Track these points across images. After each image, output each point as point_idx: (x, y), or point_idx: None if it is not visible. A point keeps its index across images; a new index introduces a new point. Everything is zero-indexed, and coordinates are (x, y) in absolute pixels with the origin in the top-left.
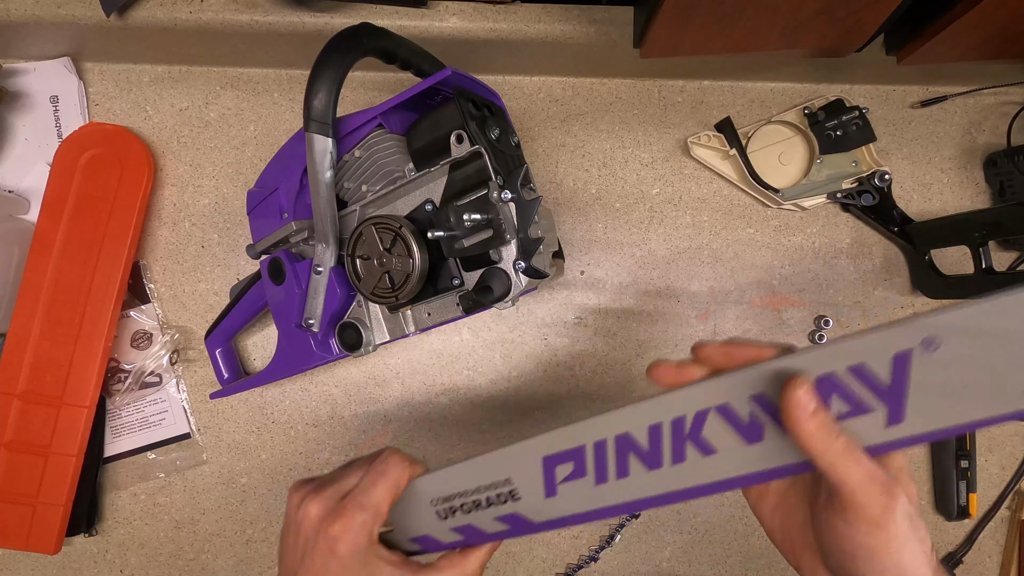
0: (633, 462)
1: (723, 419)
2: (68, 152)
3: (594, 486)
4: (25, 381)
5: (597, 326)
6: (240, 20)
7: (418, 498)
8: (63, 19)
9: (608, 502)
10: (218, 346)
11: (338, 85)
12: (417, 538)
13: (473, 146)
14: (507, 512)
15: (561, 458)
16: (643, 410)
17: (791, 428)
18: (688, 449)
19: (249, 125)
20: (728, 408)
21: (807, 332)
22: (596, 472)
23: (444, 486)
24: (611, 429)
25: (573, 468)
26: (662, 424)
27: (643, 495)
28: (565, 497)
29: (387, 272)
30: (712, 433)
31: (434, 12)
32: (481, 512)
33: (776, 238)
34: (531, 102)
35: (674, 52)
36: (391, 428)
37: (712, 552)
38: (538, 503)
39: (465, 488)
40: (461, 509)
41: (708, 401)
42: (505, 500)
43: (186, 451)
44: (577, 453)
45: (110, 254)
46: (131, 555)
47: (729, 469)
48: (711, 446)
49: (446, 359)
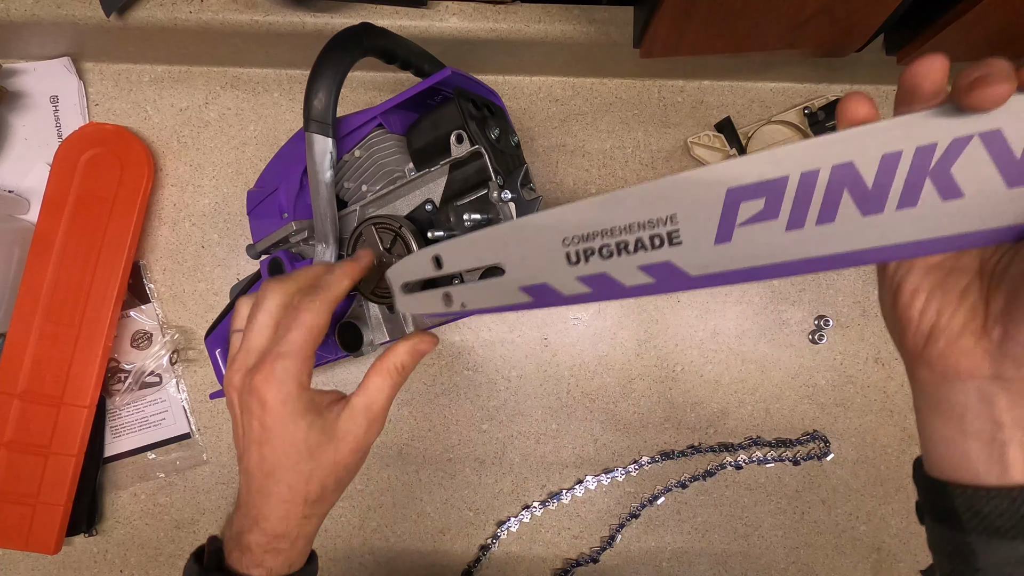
0: (845, 203)
1: (987, 151)
2: (68, 152)
3: (784, 232)
4: (25, 381)
5: (597, 326)
6: (240, 20)
7: (548, 233)
8: (63, 19)
9: (793, 255)
10: (218, 346)
11: (338, 85)
12: (532, 286)
13: (473, 146)
14: (659, 260)
15: (752, 191)
16: (883, 132)
17: None
18: (925, 189)
19: (249, 125)
20: (999, 136)
21: (807, 332)
22: (792, 213)
23: (588, 219)
24: (832, 155)
25: (763, 206)
26: (902, 153)
27: (842, 249)
28: (740, 245)
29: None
30: (966, 169)
31: (434, 12)
32: (625, 258)
33: None
34: (531, 102)
35: (674, 52)
36: (392, 428)
37: (712, 552)
38: (703, 250)
39: (615, 224)
40: (600, 253)
41: (975, 126)
42: (660, 244)
43: (186, 451)
44: (775, 186)
45: (110, 254)
46: (131, 555)
47: (972, 219)
48: (958, 187)
49: (446, 359)
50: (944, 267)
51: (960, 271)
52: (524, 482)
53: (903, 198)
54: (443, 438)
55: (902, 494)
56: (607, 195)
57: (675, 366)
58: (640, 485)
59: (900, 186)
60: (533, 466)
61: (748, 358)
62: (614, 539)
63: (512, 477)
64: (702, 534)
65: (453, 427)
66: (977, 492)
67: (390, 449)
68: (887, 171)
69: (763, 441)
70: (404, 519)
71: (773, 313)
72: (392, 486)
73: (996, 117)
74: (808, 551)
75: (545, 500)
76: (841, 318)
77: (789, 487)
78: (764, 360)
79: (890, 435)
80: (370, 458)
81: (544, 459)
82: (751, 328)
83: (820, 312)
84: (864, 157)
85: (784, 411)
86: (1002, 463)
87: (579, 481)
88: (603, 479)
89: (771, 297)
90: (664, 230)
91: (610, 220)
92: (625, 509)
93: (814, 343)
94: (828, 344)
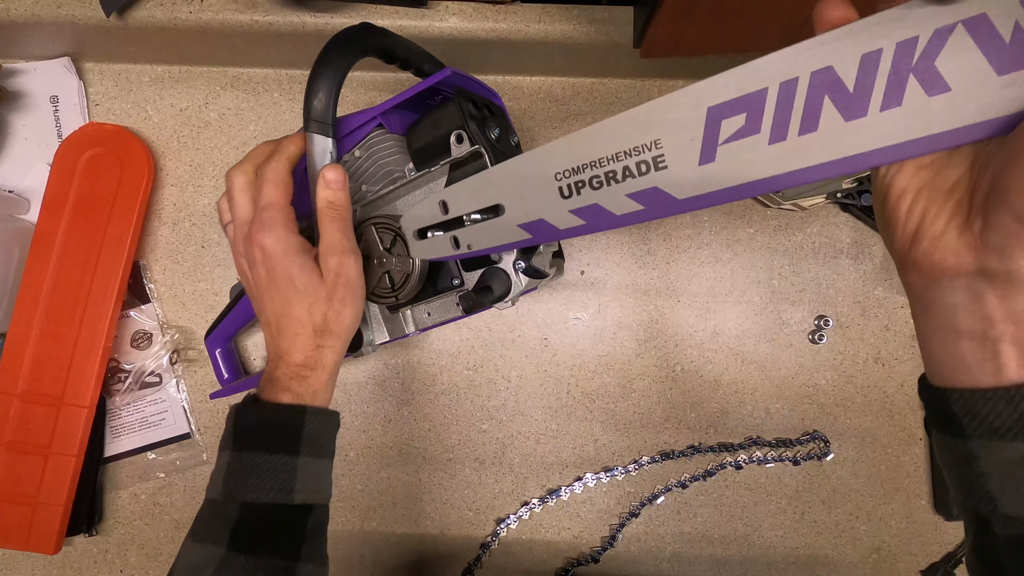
0: (827, 110)
1: (973, 38)
2: (68, 152)
3: (767, 146)
4: (25, 381)
5: (597, 326)
6: (240, 20)
7: (540, 169)
8: (63, 19)
9: (778, 169)
10: (218, 346)
11: (338, 85)
12: (530, 223)
13: (473, 146)
14: (646, 186)
15: (732, 107)
16: (859, 31)
17: None
18: (910, 87)
19: (249, 125)
20: (984, 21)
21: (807, 332)
22: (774, 126)
23: (578, 152)
24: (810, 61)
25: (745, 121)
26: (881, 51)
27: (827, 158)
28: (725, 163)
29: (387, 272)
30: (951, 60)
31: (434, 12)
32: (614, 187)
33: (776, 238)
34: (531, 102)
35: (674, 52)
36: (391, 428)
37: (712, 552)
38: (688, 172)
39: (602, 154)
40: (590, 184)
41: (957, 13)
42: (647, 170)
43: (186, 451)
44: (754, 100)
45: (110, 254)
46: (131, 555)
47: (961, 113)
48: (944, 81)
49: (446, 359)
50: (934, 166)
51: (950, 168)
52: (524, 482)
53: (887, 98)
54: (443, 438)
55: (902, 494)
56: (593, 126)
57: (675, 366)
58: (640, 485)
59: (883, 86)
60: (533, 466)
61: (748, 358)
62: (615, 539)
63: (512, 477)
64: (702, 534)
65: (453, 427)
66: (974, 395)
67: (390, 449)
68: (868, 71)
69: (763, 441)
70: (404, 519)
71: (773, 313)
72: (392, 486)
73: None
74: (808, 551)
75: (544, 497)
76: (841, 318)
77: (789, 487)
78: (764, 360)
79: (890, 435)
80: (370, 458)
81: (544, 459)
82: (751, 328)
83: (820, 312)
84: (843, 60)
85: (784, 411)
86: (996, 362)
87: (578, 479)
88: (603, 477)
89: (771, 297)
90: (649, 156)
91: (597, 151)
92: (625, 509)
93: (814, 343)
94: (828, 344)
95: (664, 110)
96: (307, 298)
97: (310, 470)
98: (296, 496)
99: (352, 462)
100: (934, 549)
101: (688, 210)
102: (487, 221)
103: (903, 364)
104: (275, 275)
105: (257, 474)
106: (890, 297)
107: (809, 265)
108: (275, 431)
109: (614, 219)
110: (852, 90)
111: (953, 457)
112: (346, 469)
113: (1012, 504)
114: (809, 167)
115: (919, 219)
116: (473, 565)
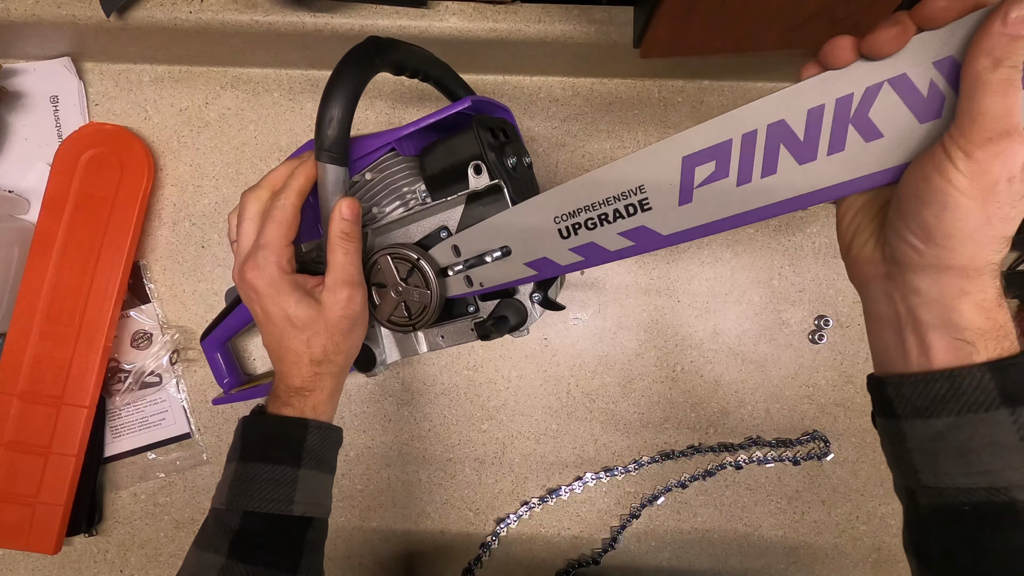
0: (783, 156)
1: (897, 94)
2: (68, 152)
3: (735, 187)
4: (25, 381)
5: (597, 326)
6: (240, 20)
7: (541, 214)
8: (63, 19)
9: (746, 206)
10: (216, 349)
11: (351, 110)
12: (534, 261)
13: (493, 180)
14: (635, 225)
15: (703, 156)
16: (805, 90)
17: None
18: (850, 135)
19: (249, 125)
20: (905, 80)
21: (807, 332)
22: (740, 170)
23: (573, 198)
24: (765, 116)
25: (715, 168)
26: (824, 106)
27: (786, 195)
28: (701, 203)
29: (403, 301)
30: (881, 112)
31: (434, 12)
32: (607, 227)
33: (776, 238)
34: (531, 102)
35: (674, 52)
36: (391, 428)
37: (712, 552)
38: (670, 212)
39: (595, 199)
40: (586, 225)
41: (883, 73)
42: (634, 211)
43: (186, 451)
44: (721, 149)
45: (110, 254)
46: (131, 555)
47: (893, 155)
48: (877, 129)
49: (446, 359)
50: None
51: (881, 194)
52: (524, 482)
53: (832, 144)
54: (443, 438)
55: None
56: (585, 176)
57: (675, 366)
58: (640, 485)
59: (828, 134)
60: (533, 466)
61: (748, 358)
62: (616, 541)
63: (512, 477)
64: (702, 534)
65: (453, 427)
66: (901, 379)
67: (390, 449)
68: (814, 123)
69: (763, 441)
70: (404, 518)
71: (773, 313)
72: (392, 486)
73: (899, 62)
74: (808, 551)
75: (544, 497)
76: (841, 318)
77: (789, 487)
78: (764, 360)
79: None
80: (370, 458)
81: (544, 459)
82: (751, 328)
83: (820, 312)
84: (793, 114)
85: (784, 411)
86: (903, 350)
87: (578, 478)
88: (603, 477)
89: (771, 297)
90: (636, 199)
91: (591, 197)
92: (625, 509)
93: (814, 343)
94: (828, 344)
95: (646, 160)
96: (304, 332)
97: (310, 482)
98: (296, 507)
99: (352, 462)
100: None
101: (673, 244)
102: (496, 262)
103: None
104: (269, 313)
105: (259, 484)
106: None
107: (809, 265)
108: (278, 443)
109: (608, 254)
110: (803, 139)
111: (889, 439)
112: (346, 469)
113: (930, 474)
114: (773, 203)
115: (853, 233)
116: (473, 565)
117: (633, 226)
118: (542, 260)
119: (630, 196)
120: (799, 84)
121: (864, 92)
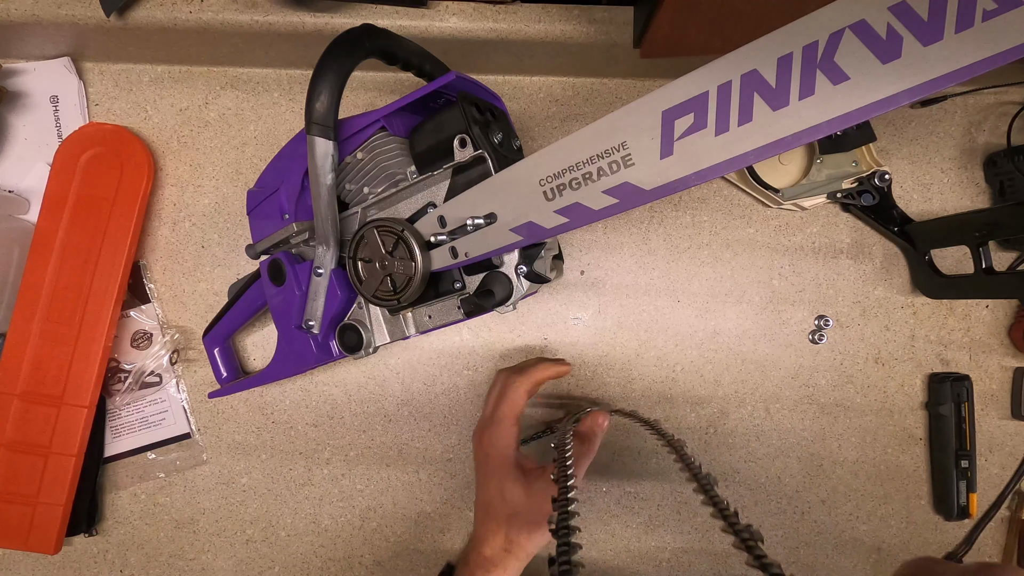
0: (758, 103)
1: (858, 38)
2: (68, 152)
3: (714, 137)
4: (25, 381)
5: (597, 326)
6: (240, 20)
7: (526, 177)
8: (63, 19)
9: (725, 155)
10: (216, 345)
11: (340, 87)
12: (520, 226)
13: (476, 150)
14: (618, 182)
15: (681, 109)
16: (774, 41)
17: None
18: (818, 79)
19: (249, 125)
20: (864, 25)
21: (807, 332)
22: (717, 120)
23: (558, 159)
24: (739, 67)
25: (693, 119)
26: (792, 54)
27: (762, 142)
28: (682, 155)
29: (389, 275)
30: (845, 56)
31: (434, 12)
32: (591, 186)
33: (776, 238)
34: (531, 102)
35: (674, 52)
36: (391, 428)
37: (713, 552)
38: (652, 166)
39: (579, 159)
40: (570, 186)
41: (843, 20)
42: (617, 168)
43: (186, 451)
44: (699, 101)
45: (110, 254)
46: (131, 555)
47: (860, 96)
48: (843, 71)
49: (446, 359)
50: None
51: None
52: None
53: (802, 90)
54: (443, 438)
55: (902, 494)
56: (569, 137)
57: (675, 366)
58: (640, 485)
59: (798, 80)
60: None
61: (748, 358)
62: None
63: None
64: (702, 534)
65: (453, 427)
66: None
67: (390, 449)
68: (784, 71)
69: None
70: (404, 519)
71: (773, 313)
72: (392, 486)
73: (856, 9)
74: (808, 551)
75: None
76: (841, 318)
77: (789, 487)
78: (764, 360)
79: (890, 435)
80: (370, 458)
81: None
82: (751, 328)
83: (820, 312)
84: (764, 63)
85: (784, 411)
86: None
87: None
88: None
89: (771, 297)
90: (618, 156)
91: (575, 156)
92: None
93: (814, 343)
94: (828, 344)
95: (627, 117)
96: (508, 508)
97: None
98: None
99: (352, 462)
100: (934, 549)
101: (656, 198)
102: (481, 230)
103: (903, 364)
104: (488, 480)
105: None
106: (890, 297)
107: (809, 265)
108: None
109: (593, 214)
110: (775, 86)
111: None
112: (346, 469)
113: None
114: (751, 151)
115: None
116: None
117: (617, 183)
118: (527, 224)
119: (613, 153)
120: (767, 35)
121: (828, 38)
